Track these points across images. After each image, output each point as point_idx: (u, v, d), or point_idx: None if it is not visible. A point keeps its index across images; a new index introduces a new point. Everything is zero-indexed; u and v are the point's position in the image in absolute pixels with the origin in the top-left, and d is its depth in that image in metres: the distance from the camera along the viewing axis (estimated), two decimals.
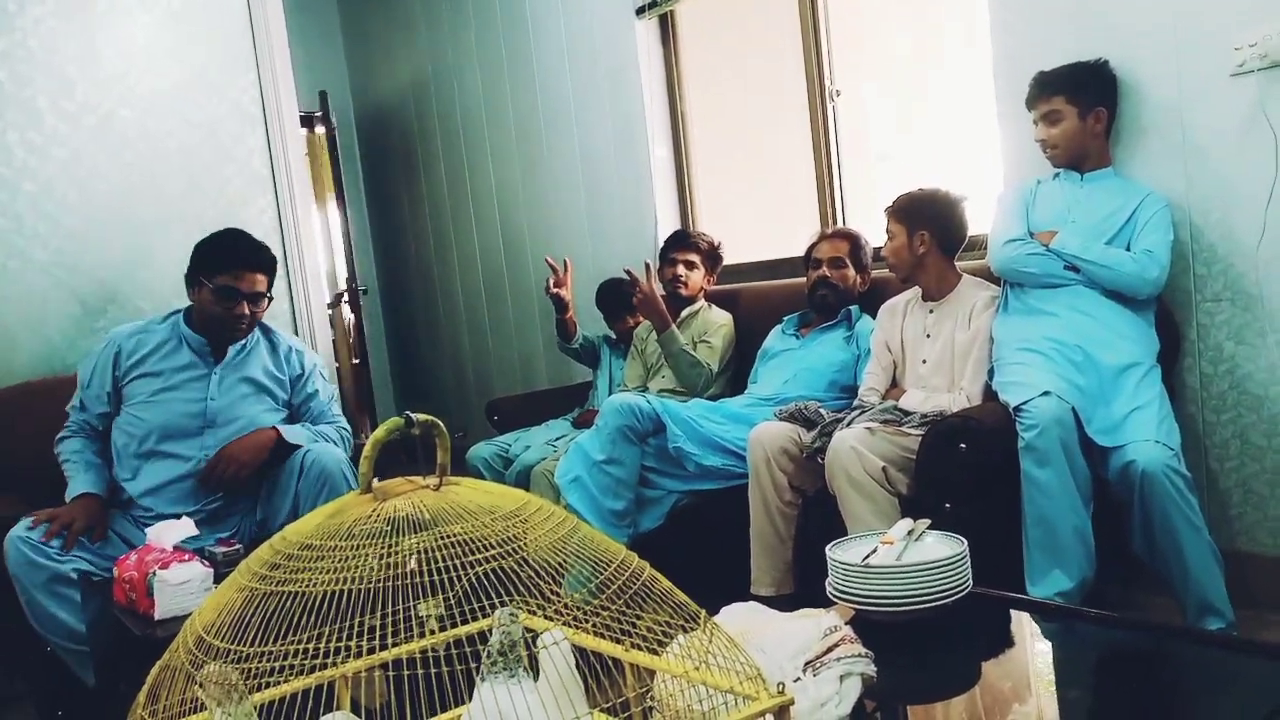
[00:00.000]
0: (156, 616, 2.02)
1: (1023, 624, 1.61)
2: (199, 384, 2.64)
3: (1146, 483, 2.11)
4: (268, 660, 0.84)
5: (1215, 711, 1.34)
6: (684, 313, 3.42)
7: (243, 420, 2.66)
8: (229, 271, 2.58)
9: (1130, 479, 2.13)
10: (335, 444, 2.73)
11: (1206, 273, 2.45)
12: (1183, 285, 2.48)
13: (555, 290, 3.63)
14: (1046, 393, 2.19)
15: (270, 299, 2.69)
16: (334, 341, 4.69)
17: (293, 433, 2.67)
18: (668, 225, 3.94)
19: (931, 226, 2.61)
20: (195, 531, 2.27)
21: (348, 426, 2.87)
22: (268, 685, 0.89)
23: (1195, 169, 2.44)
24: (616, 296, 3.70)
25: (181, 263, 2.76)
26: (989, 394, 2.45)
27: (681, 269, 3.43)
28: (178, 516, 2.44)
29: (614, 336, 3.78)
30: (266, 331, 2.80)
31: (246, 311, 2.61)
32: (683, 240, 3.48)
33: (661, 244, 3.60)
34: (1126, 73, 2.50)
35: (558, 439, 3.35)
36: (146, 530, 2.35)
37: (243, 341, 2.71)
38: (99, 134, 3.29)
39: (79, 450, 2.59)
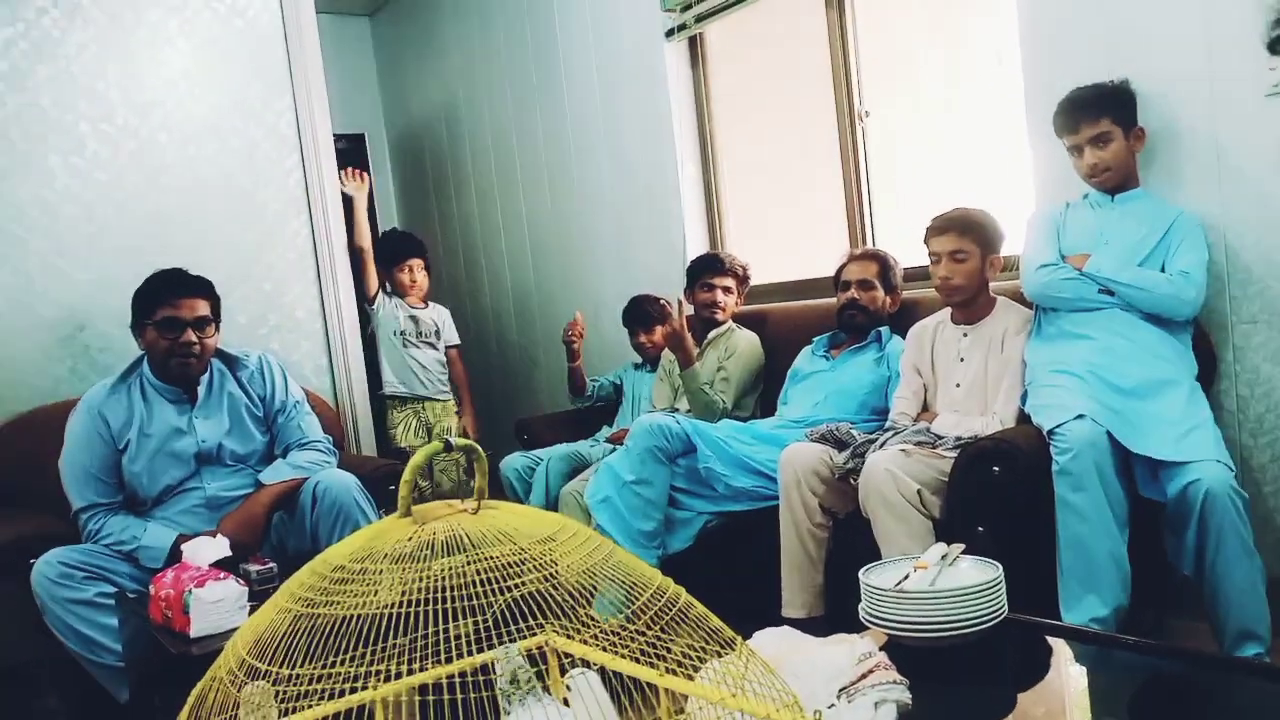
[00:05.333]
0: (192, 634, 2.03)
1: (1058, 651, 1.59)
2: (184, 430, 2.66)
3: (1209, 503, 2.07)
4: (307, 683, 0.85)
5: None
6: (711, 334, 3.43)
7: (235, 450, 2.70)
8: (167, 302, 2.60)
9: (1191, 500, 2.09)
10: (328, 462, 2.76)
11: (1242, 294, 2.42)
12: (1218, 307, 2.45)
13: (571, 336, 3.72)
14: (1081, 416, 2.17)
15: (216, 324, 2.69)
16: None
17: (280, 476, 2.69)
18: (696, 246, 3.95)
19: (1000, 249, 2.61)
20: (229, 552, 2.29)
21: (325, 436, 2.88)
22: (307, 707, 0.90)
23: (1230, 190, 2.42)
24: (638, 311, 3.74)
25: (223, 284, 2.81)
26: (1022, 418, 2.43)
27: (720, 294, 3.43)
28: (213, 534, 2.48)
29: (640, 360, 3.80)
30: (226, 359, 2.80)
31: (193, 338, 2.61)
32: (719, 265, 3.48)
33: (689, 265, 3.61)
34: (1159, 93, 2.49)
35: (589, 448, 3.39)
36: (183, 548, 2.39)
37: (207, 376, 2.72)
38: (139, 158, 3.36)
39: (125, 524, 2.55)
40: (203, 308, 2.64)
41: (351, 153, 5.68)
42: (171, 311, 2.60)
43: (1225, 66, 2.39)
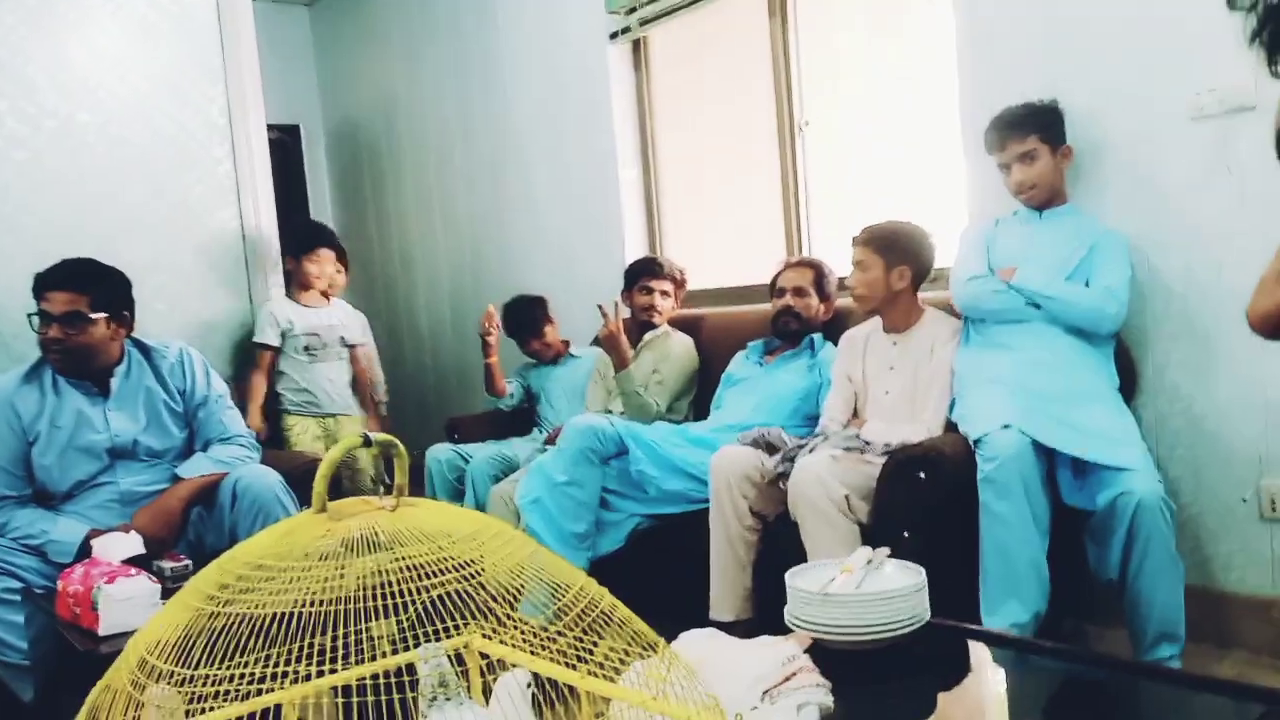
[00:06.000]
0: (101, 632, 1.97)
1: (978, 655, 1.61)
2: (96, 423, 2.57)
3: (1140, 515, 2.12)
4: (212, 684, 0.82)
5: None
6: (647, 336, 3.43)
7: (151, 446, 2.61)
8: (39, 296, 2.50)
9: (1121, 510, 2.14)
10: (250, 458, 2.68)
11: (1164, 311, 2.49)
12: (1139, 323, 2.52)
13: (488, 328, 3.62)
14: (1007, 426, 2.21)
15: (102, 320, 2.54)
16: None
17: (199, 470, 2.61)
18: (635, 249, 3.94)
19: (910, 261, 2.62)
20: (142, 549, 2.22)
21: (247, 431, 2.80)
22: (213, 709, 0.87)
23: (1155, 209, 2.48)
24: (524, 317, 3.71)
25: (142, 271, 2.72)
26: (950, 426, 2.47)
27: (658, 298, 3.43)
28: (126, 529, 2.40)
29: (533, 361, 3.80)
30: (144, 350, 2.70)
31: (56, 334, 2.48)
32: (657, 269, 3.48)
33: (627, 268, 3.60)
34: (1090, 113, 2.55)
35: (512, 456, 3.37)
36: (93, 544, 2.31)
37: (123, 367, 2.62)
38: (59, 138, 3.24)
39: (34, 518, 2.45)
40: (75, 302, 2.49)
41: (286, 145, 5.58)
42: (43, 305, 2.49)
43: (1153, 89, 2.45)
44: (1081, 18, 2.56)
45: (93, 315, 2.51)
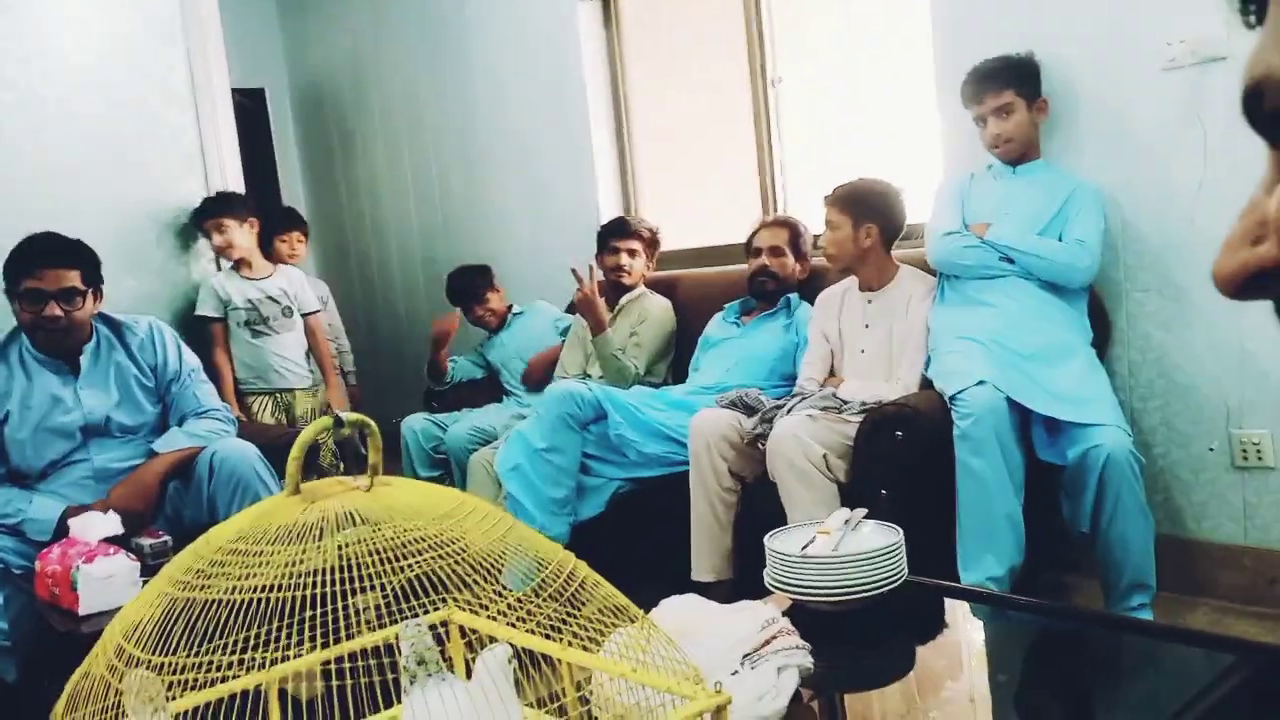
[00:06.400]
0: (81, 612, 1.96)
1: (956, 611, 1.63)
2: (67, 402, 2.53)
3: (1109, 468, 2.15)
4: (189, 670, 0.82)
5: (1137, 691, 1.37)
6: (623, 299, 3.41)
7: (124, 423, 2.58)
8: (30, 274, 2.43)
9: (1091, 464, 2.17)
10: (226, 431, 2.66)
11: (1136, 263, 2.50)
12: (1113, 275, 2.53)
13: (444, 327, 3.66)
14: (982, 382, 2.22)
15: (89, 294, 2.50)
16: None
17: (175, 444, 2.57)
18: (609, 210, 3.91)
19: (878, 220, 2.62)
20: (120, 529, 2.20)
21: (223, 405, 2.78)
22: (193, 691, 0.86)
23: (1127, 161, 2.49)
24: (466, 285, 3.78)
25: (106, 245, 2.66)
26: (926, 383, 2.48)
27: (625, 258, 3.41)
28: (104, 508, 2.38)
29: (485, 334, 3.84)
30: (113, 326, 2.65)
31: (57, 312, 2.43)
32: (625, 229, 3.46)
33: (599, 229, 3.58)
34: (1062, 65, 2.54)
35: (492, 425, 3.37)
36: (70, 523, 2.29)
37: (92, 345, 2.58)
38: (17, 112, 3.16)
39: (9, 496, 2.42)
40: (71, 278, 2.45)
41: (250, 110, 5.47)
42: (34, 283, 2.43)
43: (1125, 41, 2.44)
44: None
45: (86, 289, 2.49)
